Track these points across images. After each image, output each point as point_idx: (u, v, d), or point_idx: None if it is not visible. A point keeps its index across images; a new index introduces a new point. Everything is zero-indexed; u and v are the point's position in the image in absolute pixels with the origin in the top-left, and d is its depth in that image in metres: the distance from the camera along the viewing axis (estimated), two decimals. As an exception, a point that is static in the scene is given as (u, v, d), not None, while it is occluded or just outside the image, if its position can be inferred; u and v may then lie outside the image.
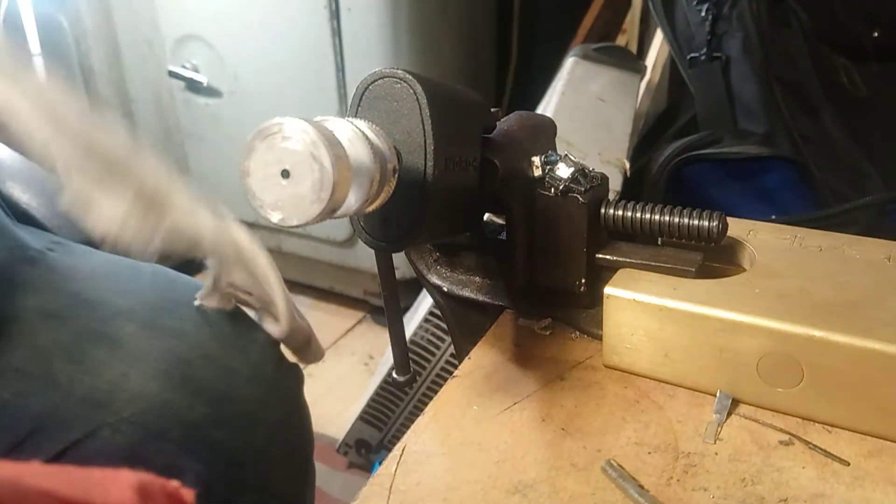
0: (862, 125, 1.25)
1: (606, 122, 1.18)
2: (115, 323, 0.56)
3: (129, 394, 0.54)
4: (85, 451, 0.52)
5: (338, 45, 1.53)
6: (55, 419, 0.52)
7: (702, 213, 0.46)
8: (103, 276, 0.61)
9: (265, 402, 0.59)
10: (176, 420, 0.54)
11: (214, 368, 0.57)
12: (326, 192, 0.29)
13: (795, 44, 1.25)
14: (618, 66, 1.34)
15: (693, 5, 1.27)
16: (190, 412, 0.55)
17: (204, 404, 0.55)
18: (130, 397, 0.54)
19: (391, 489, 0.38)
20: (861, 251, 0.47)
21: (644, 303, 0.43)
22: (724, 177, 1.23)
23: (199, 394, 0.56)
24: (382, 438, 1.33)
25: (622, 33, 1.61)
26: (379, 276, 0.44)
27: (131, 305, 0.58)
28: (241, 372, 0.58)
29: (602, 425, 0.41)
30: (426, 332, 1.18)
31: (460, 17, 1.68)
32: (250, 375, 0.58)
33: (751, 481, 0.37)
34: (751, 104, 1.26)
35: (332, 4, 1.49)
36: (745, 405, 0.42)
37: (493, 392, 0.45)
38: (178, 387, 0.55)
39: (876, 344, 0.37)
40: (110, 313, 0.57)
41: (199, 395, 0.56)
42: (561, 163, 0.47)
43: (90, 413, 0.53)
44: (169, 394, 0.54)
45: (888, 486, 0.36)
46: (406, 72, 0.38)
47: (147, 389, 0.54)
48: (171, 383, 0.55)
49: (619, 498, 0.36)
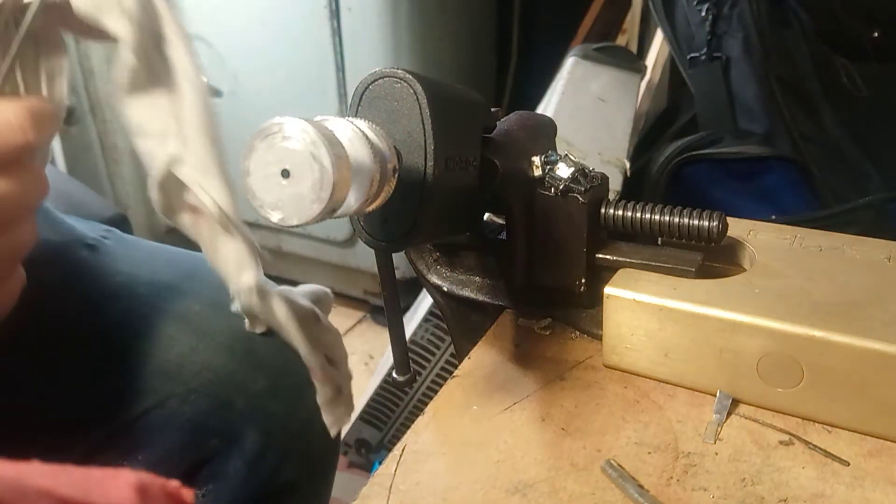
0: (862, 125, 1.25)
1: (606, 122, 1.18)
2: (181, 302, 0.60)
3: (197, 366, 0.58)
4: (155, 419, 0.56)
5: (338, 45, 1.53)
6: (127, 391, 0.56)
7: (702, 213, 0.46)
8: (163, 261, 0.64)
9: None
10: (239, 391, 0.58)
11: (272, 344, 0.60)
12: (326, 191, 0.29)
13: (795, 44, 1.25)
14: (618, 66, 1.34)
15: (693, 5, 1.27)
16: (252, 384, 0.59)
17: (264, 377, 0.59)
18: (198, 369, 0.58)
19: (391, 489, 0.38)
20: (861, 251, 0.47)
21: (644, 303, 0.43)
22: (724, 177, 1.23)
23: (260, 367, 0.60)
24: (382, 438, 1.33)
25: (622, 33, 1.61)
26: (379, 276, 0.44)
27: (194, 286, 0.61)
28: (294, 347, 0.61)
29: (602, 425, 0.41)
30: (426, 332, 1.19)
31: (460, 17, 1.68)
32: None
33: (751, 481, 0.37)
34: (751, 104, 1.26)
35: (332, 4, 1.49)
36: (745, 405, 0.42)
37: (492, 392, 0.45)
38: (242, 360, 0.59)
39: (876, 344, 0.37)
40: (175, 294, 0.60)
41: (259, 369, 0.59)
42: (561, 163, 0.47)
43: (160, 384, 0.57)
44: (233, 366, 0.58)
45: (888, 486, 0.36)
46: (406, 71, 0.38)
47: (214, 362, 0.58)
48: (235, 357, 0.59)
49: (619, 498, 0.36)
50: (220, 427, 0.58)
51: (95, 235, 0.63)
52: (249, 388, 0.59)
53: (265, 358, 0.60)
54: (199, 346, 0.58)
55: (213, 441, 0.58)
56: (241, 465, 0.58)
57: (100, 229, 0.65)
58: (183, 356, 0.58)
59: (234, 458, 0.58)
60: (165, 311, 0.59)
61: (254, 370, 0.59)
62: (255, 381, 0.59)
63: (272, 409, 0.60)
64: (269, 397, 0.59)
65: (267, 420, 0.59)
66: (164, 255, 0.65)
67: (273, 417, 0.60)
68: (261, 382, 0.59)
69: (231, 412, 0.58)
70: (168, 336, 0.58)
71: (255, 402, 0.59)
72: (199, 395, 0.57)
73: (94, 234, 0.63)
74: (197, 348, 0.58)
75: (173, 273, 0.63)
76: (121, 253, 0.63)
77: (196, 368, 0.58)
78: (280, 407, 0.61)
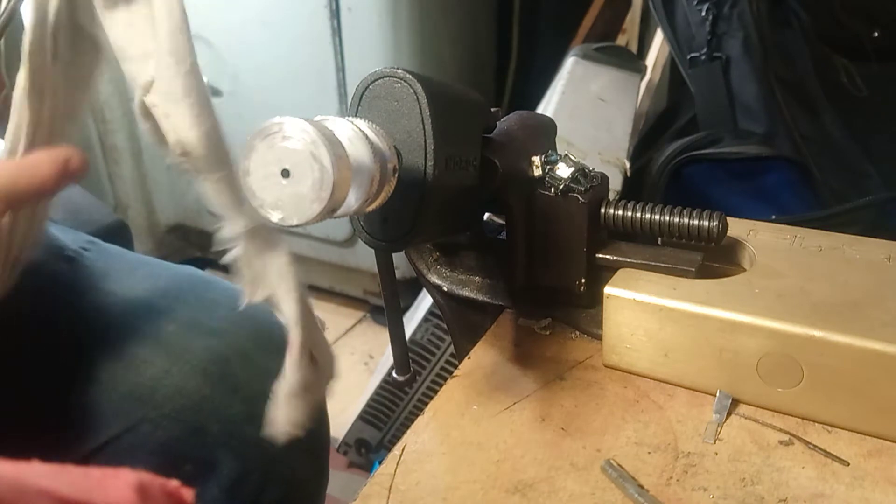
0: (862, 125, 1.25)
1: (606, 122, 1.18)
2: (156, 322, 0.58)
3: (170, 390, 0.55)
4: (125, 445, 0.54)
5: (338, 45, 1.53)
6: (97, 414, 0.54)
7: (702, 213, 0.46)
8: (141, 276, 0.62)
9: None
10: (214, 416, 0.56)
11: (251, 367, 0.59)
12: (326, 191, 0.29)
13: (795, 44, 1.25)
14: (618, 65, 1.34)
15: (693, 5, 1.27)
16: (227, 409, 0.57)
17: (240, 402, 0.57)
18: (171, 393, 0.55)
19: (391, 489, 0.38)
20: (861, 251, 0.47)
21: (644, 303, 0.43)
22: (724, 177, 1.23)
23: (237, 391, 0.58)
24: (382, 438, 1.33)
25: (622, 33, 1.61)
26: (379, 276, 0.44)
27: (171, 305, 0.60)
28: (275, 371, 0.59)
29: (602, 425, 0.41)
30: (426, 332, 1.18)
31: (460, 17, 1.68)
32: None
33: (751, 481, 0.37)
34: (751, 104, 1.26)
35: (332, 4, 1.49)
36: (745, 405, 0.42)
37: (492, 392, 0.45)
38: (217, 384, 0.57)
39: (876, 344, 0.37)
40: (151, 312, 0.59)
41: (236, 393, 0.57)
42: (561, 162, 0.47)
43: (131, 408, 0.55)
44: (208, 390, 0.56)
45: (888, 486, 0.36)
46: (406, 71, 0.38)
47: (187, 386, 0.56)
48: (210, 380, 0.57)
49: (619, 498, 0.36)
50: (195, 453, 0.56)
51: (76, 248, 0.61)
52: (224, 413, 0.57)
53: (242, 382, 0.58)
54: (172, 370, 0.56)
55: (188, 467, 0.56)
56: (217, 492, 0.56)
57: (82, 240, 0.63)
58: (156, 379, 0.56)
59: (210, 485, 0.56)
60: (139, 330, 0.57)
61: (229, 394, 0.57)
62: (230, 405, 0.57)
63: (249, 434, 0.57)
64: (245, 422, 0.57)
65: (243, 446, 0.57)
66: (145, 270, 0.64)
67: (250, 443, 0.57)
68: (237, 407, 0.57)
69: (206, 438, 0.56)
70: (141, 359, 0.56)
71: (231, 427, 0.57)
72: (171, 420, 0.55)
73: (74, 246, 0.62)
74: (171, 371, 0.56)
75: (150, 290, 0.61)
76: (100, 266, 0.61)
77: (169, 392, 0.56)
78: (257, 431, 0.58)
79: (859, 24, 1.28)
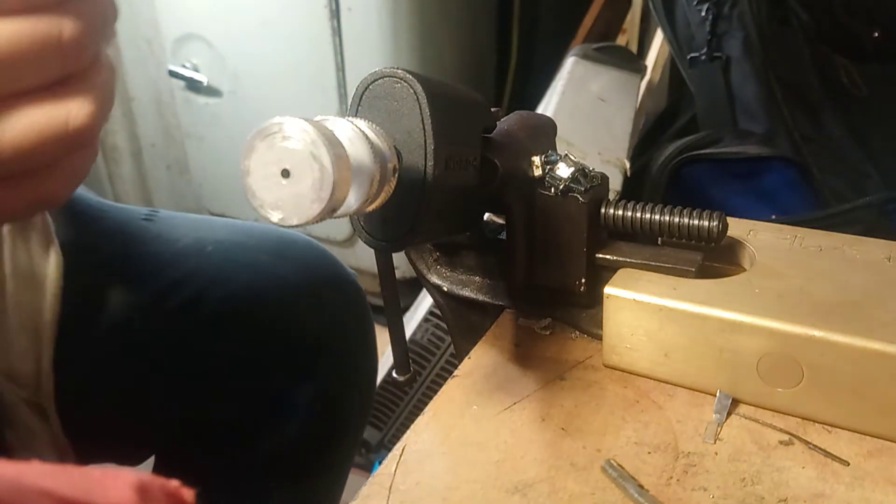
0: (862, 125, 1.25)
1: (606, 122, 1.18)
2: (250, 254, 0.66)
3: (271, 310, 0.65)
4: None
5: (338, 45, 1.53)
6: (203, 335, 0.63)
7: (702, 213, 0.46)
8: (220, 225, 0.70)
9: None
10: (306, 329, 0.67)
11: (331, 290, 0.70)
12: (326, 191, 0.29)
13: (795, 44, 1.25)
14: (618, 66, 1.34)
15: (693, 5, 1.27)
16: (317, 323, 0.68)
17: (327, 313, 0.69)
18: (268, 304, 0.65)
19: (391, 489, 0.38)
20: (861, 251, 0.47)
21: (644, 303, 0.43)
22: (724, 177, 1.23)
23: (324, 308, 0.68)
24: (382, 438, 1.33)
25: (622, 33, 1.61)
26: (379, 276, 0.44)
27: (257, 242, 0.68)
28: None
29: (602, 425, 0.41)
30: (426, 332, 1.19)
31: (460, 17, 1.68)
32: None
33: (751, 481, 0.37)
34: (751, 104, 1.26)
35: (332, 4, 1.49)
36: (745, 405, 0.42)
37: (492, 392, 0.45)
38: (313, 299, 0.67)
39: (876, 344, 0.37)
40: (241, 248, 0.67)
41: (324, 309, 0.68)
42: (561, 162, 0.47)
43: (232, 328, 0.64)
44: (303, 302, 0.67)
45: (888, 486, 0.36)
46: (406, 71, 0.38)
47: (285, 307, 0.65)
48: (307, 301, 0.67)
49: (619, 498, 0.36)
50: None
51: (144, 212, 0.68)
52: (314, 327, 0.67)
53: (327, 297, 0.69)
54: (269, 287, 0.65)
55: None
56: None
57: (144, 211, 0.70)
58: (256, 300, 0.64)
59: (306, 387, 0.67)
60: (237, 262, 0.65)
61: (318, 311, 0.68)
62: (321, 318, 0.68)
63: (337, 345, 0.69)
64: (332, 329, 0.68)
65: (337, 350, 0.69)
66: (219, 222, 0.71)
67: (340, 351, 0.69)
68: (326, 316, 0.68)
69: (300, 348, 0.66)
70: (244, 283, 0.64)
71: (320, 338, 0.67)
72: (269, 334, 0.65)
73: (142, 212, 0.68)
74: (267, 287, 0.65)
75: (233, 233, 0.68)
76: (177, 223, 0.68)
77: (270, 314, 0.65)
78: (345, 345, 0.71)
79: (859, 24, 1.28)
